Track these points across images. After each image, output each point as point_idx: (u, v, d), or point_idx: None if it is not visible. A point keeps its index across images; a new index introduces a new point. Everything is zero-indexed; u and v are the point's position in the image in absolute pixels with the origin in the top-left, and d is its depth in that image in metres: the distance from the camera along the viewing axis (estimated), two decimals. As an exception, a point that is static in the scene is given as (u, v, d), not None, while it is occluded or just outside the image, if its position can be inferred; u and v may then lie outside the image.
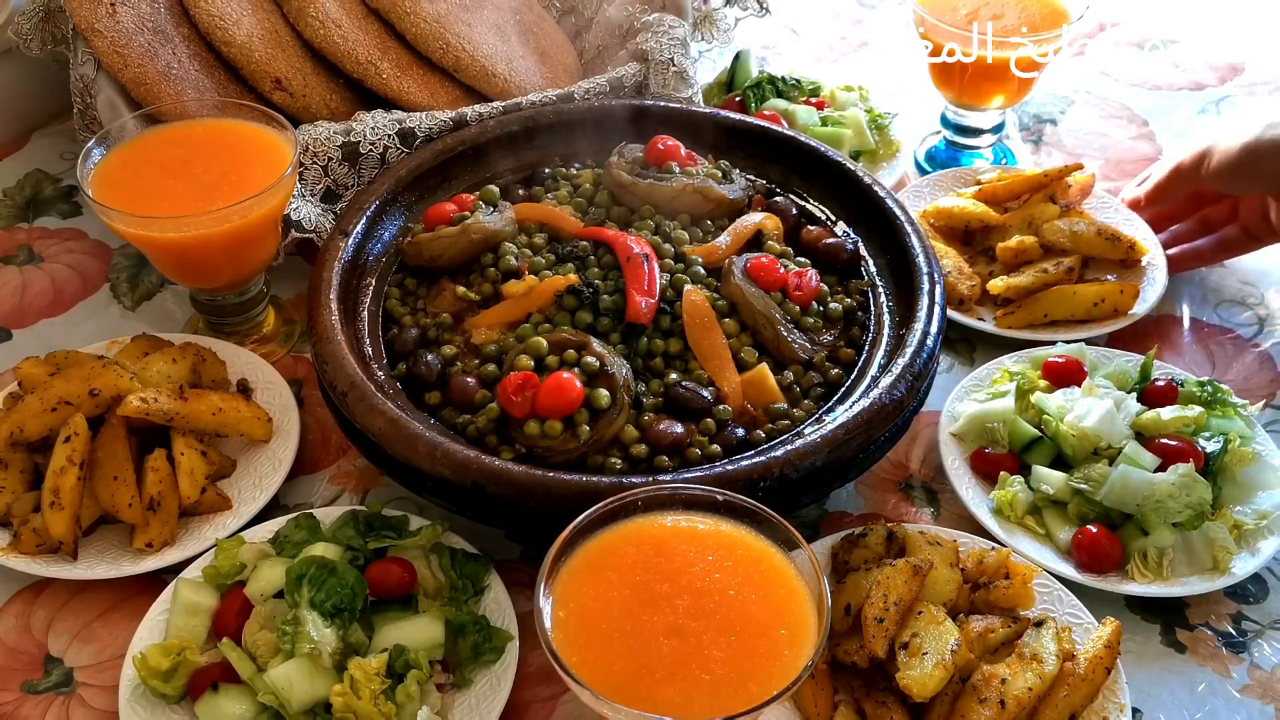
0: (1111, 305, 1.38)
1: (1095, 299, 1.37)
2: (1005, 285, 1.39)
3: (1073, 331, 1.38)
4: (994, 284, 1.40)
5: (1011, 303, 1.41)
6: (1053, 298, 1.38)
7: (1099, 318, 1.38)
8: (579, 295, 1.21)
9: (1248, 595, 1.16)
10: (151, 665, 1.00)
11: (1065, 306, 1.38)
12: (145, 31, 1.42)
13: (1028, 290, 1.39)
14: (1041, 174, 1.48)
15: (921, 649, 0.97)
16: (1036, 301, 1.38)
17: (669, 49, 1.53)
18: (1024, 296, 1.40)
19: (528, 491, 1.02)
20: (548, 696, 1.07)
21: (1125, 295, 1.39)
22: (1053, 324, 1.38)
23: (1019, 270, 1.43)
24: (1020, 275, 1.41)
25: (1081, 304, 1.37)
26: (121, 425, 1.15)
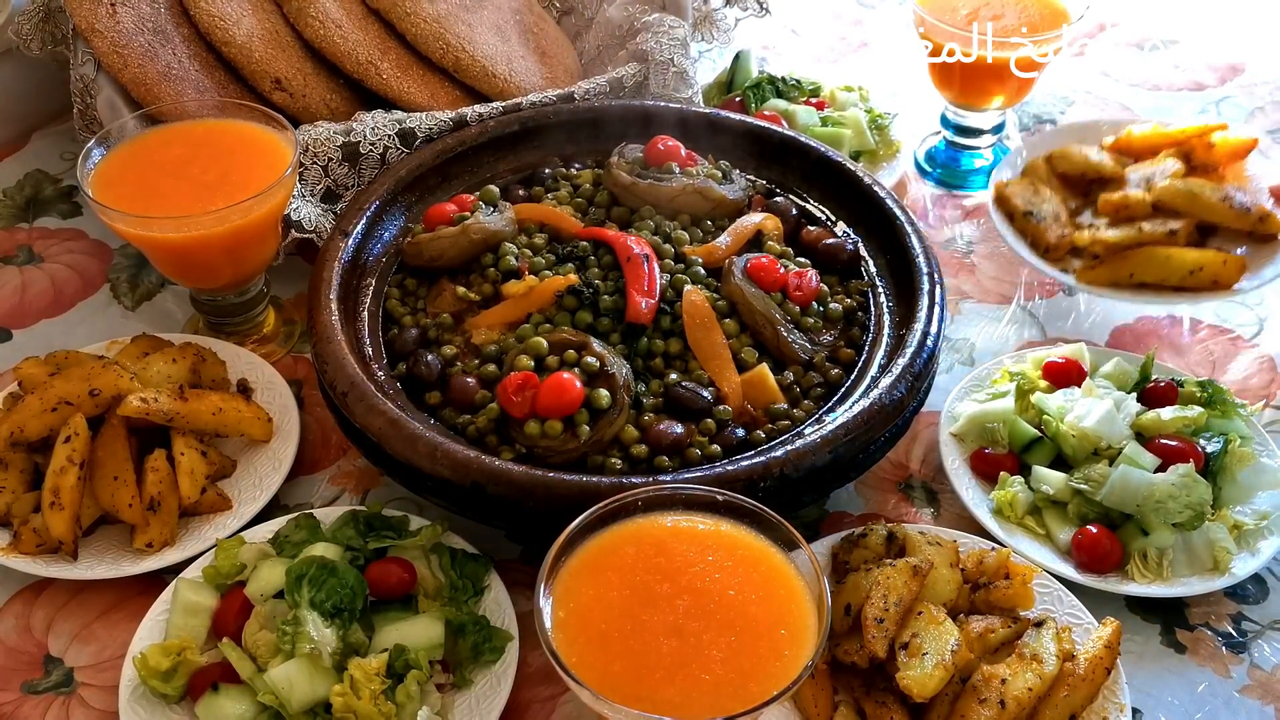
0: (1211, 275, 1.27)
1: (1192, 266, 1.27)
2: (1091, 238, 1.31)
3: (1164, 299, 1.30)
4: (1080, 235, 1.33)
5: (1099, 259, 1.33)
6: (1142, 258, 1.28)
7: (1195, 287, 1.28)
8: (579, 295, 1.21)
9: (1248, 595, 1.16)
10: (151, 665, 1.00)
11: (1156, 269, 1.28)
12: (145, 32, 1.42)
13: (1117, 246, 1.29)
14: (1179, 131, 1.40)
15: (921, 649, 0.97)
16: (1124, 260, 1.29)
17: (669, 49, 1.53)
18: (1113, 253, 1.30)
19: (528, 491, 1.02)
20: (548, 696, 1.07)
21: (1229, 267, 1.27)
22: (1141, 287, 1.30)
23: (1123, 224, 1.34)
24: (1113, 230, 1.32)
25: (1175, 269, 1.27)
26: (121, 425, 1.15)
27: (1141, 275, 1.29)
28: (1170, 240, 1.29)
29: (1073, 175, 1.41)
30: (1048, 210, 1.37)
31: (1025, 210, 1.39)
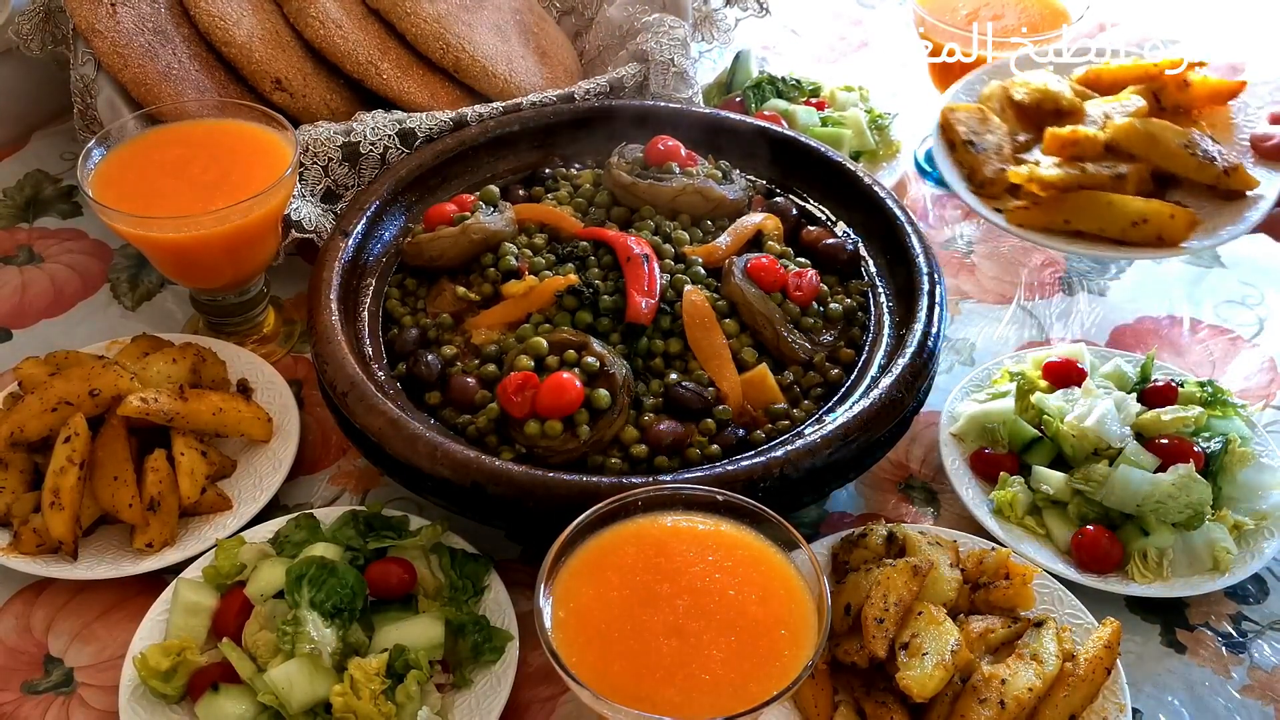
0: (1155, 229, 1.11)
1: (1135, 216, 1.11)
2: (1029, 175, 1.16)
3: (1099, 249, 1.15)
4: (1016, 171, 1.18)
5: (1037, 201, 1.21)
6: (1080, 202, 1.13)
7: (1137, 242, 1.13)
8: (579, 295, 1.21)
9: (1248, 595, 1.16)
10: (151, 665, 1.00)
11: (1094, 216, 1.13)
12: (145, 32, 1.42)
13: (1055, 186, 1.14)
14: (1152, 64, 1.24)
15: (921, 649, 0.97)
16: (1060, 202, 1.14)
17: (669, 49, 1.53)
18: (1052, 195, 1.15)
19: (528, 491, 1.02)
20: (548, 696, 1.07)
21: (1176, 222, 1.11)
22: (1078, 235, 1.15)
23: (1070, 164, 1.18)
24: (1053, 169, 1.16)
25: (1116, 218, 1.12)
26: (122, 425, 1.15)
27: (1079, 222, 1.14)
28: (1116, 185, 1.14)
29: (1029, 105, 1.26)
30: (991, 141, 1.24)
31: (967, 139, 1.25)
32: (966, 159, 1.24)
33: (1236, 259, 1.54)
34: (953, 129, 1.29)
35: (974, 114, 1.30)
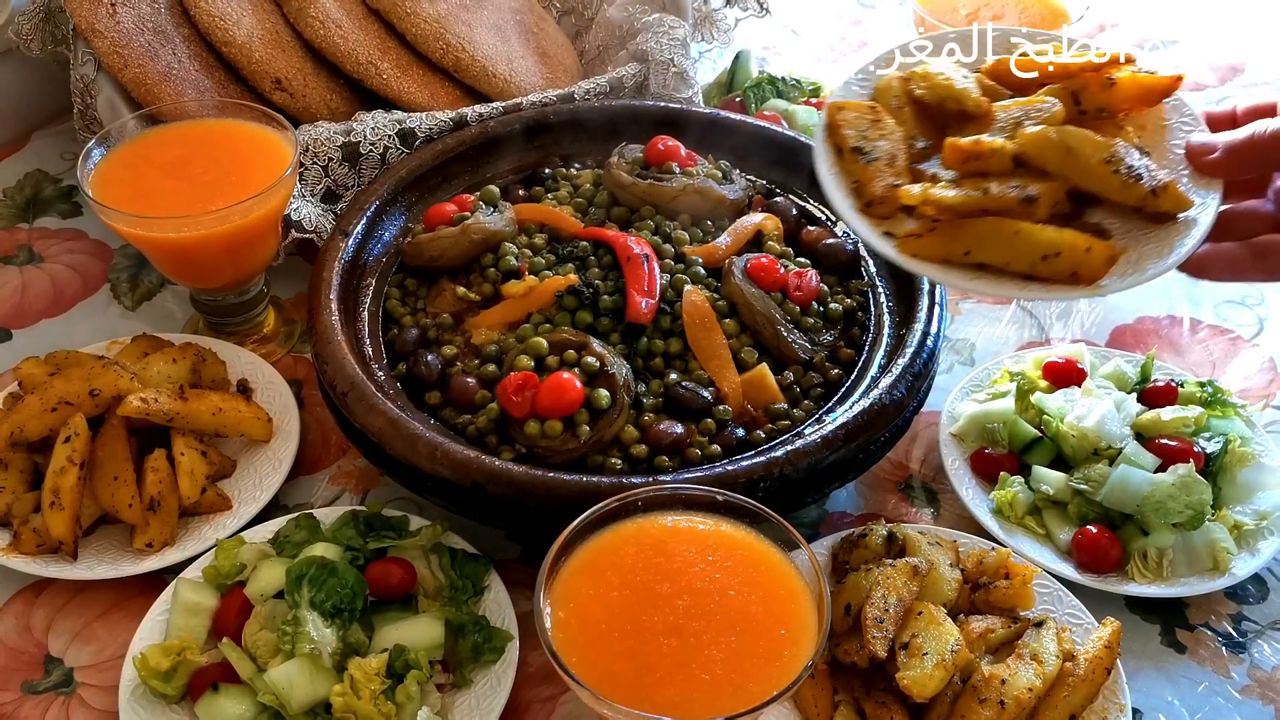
0: (1069, 264, 0.92)
1: (1046, 249, 0.92)
2: (922, 195, 0.95)
3: (1005, 286, 0.95)
4: (908, 190, 0.96)
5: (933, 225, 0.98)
6: (982, 230, 0.93)
7: (1048, 278, 0.93)
8: (579, 295, 1.21)
9: (1248, 596, 1.16)
10: (152, 665, 1.00)
11: (999, 248, 0.93)
12: (145, 32, 1.42)
13: (953, 210, 0.94)
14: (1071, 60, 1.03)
15: (921, 649, 0.97)
16: (959, 230, 0.94)
17: (669, 49, 1.53)
18: (950, 218, 0.95)
19: (528, 491, 1.02)
20: (548, 696, 1.07)
21: (1093, 256, 0.92)
22: (980, 269, 0.95)
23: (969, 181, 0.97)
24: (950, 189, 0.95)
25: (1023, 251, 0.92)
26: (122, 425, 1.15)
27: (981, 253, 0.94)
28: (1025, 210, 0.93)
29: (930, 103, 1.04)
30: (883, 149, 1.01)
31: (855, 145, 1.02)
32: (853, 170, 1.01)
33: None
34: (838, 132, 1.04)
35: (865, 114, 1.05)
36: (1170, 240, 0.93)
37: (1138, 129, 1.00)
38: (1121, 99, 1.00)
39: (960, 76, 1.03)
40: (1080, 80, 1.00)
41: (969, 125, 1.01)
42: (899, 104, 1.05)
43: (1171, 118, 1.01)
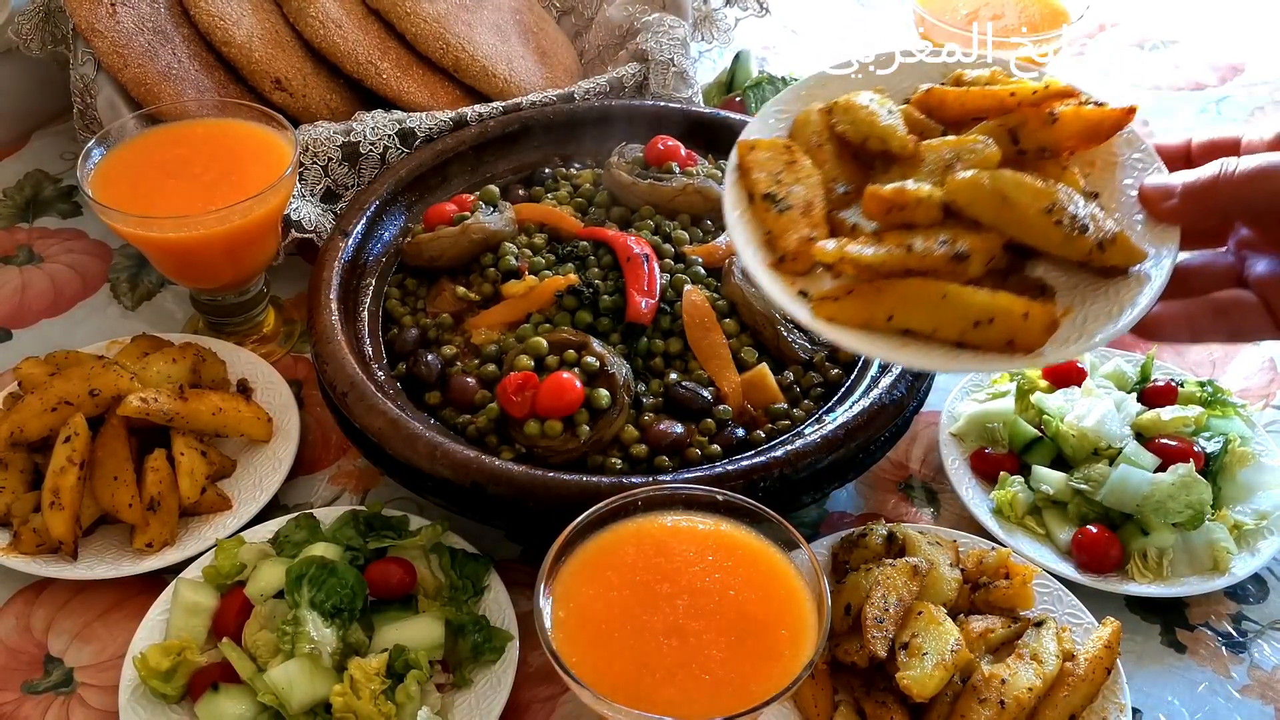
0: (1004, 333, 0.80)
1: (978, 315, 0.80)
2: (839, 251, 0.82)
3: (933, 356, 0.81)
4: (822, 247, 0.83)
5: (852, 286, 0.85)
6: (906, 293, 0.81)
7: (980, 345, 0.81)
8: (579, 295, 1.21)
9: (1248, 595, 1.16)
10: (151, 665, 1.00)
11: (925, 313, 0.81)
12: (145, 31, 1.42)
13: (874, 270, 0.82)
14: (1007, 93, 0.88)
15: (921, 649, 0.97)
16: (880, 292, 0.82)
17: (669, 49, 1.53)
18: (872, 279, 0.82)
19: (528, 491, 1.02)
20: (548, 696, 1.07)
21: (1031, 323, 0.80)
22: (907, 335, 0.82)
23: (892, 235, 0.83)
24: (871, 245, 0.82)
25: (953, 316, 0.80)
26: (121, 425, 1.15)
27: (905, 319, 0.81)
28: (955, 269, 0.81)
29: (853, 141, 0.90)
30: (798, 196, 0.88)
31: (766, 191, 0.88)
32: (765, 219, 0.88)
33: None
34: (749, 175, 0.91)
35: (779, 154, 0.92)
36: (1121, 297, 0.83)
37: (1086, 166, 0.89)
38: (1065, 136, 0.87)
39: (885, 111, 0.90)
40: (1019, 116, 0.87)
41: (895, 167, 0.88)
42: (818, 141, 0.92)
43: (1123, 153, 0.89)
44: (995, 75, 0.92)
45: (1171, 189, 0.83)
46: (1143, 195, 0.85)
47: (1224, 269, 0.87)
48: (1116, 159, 0.89)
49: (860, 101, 0.90)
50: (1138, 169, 0.88)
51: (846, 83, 0.96)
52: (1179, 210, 0.82)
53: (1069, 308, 0.83)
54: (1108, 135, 0.88)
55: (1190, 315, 0.84)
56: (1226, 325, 0.84)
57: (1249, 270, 0.85)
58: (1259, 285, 0.84)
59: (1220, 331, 0.85)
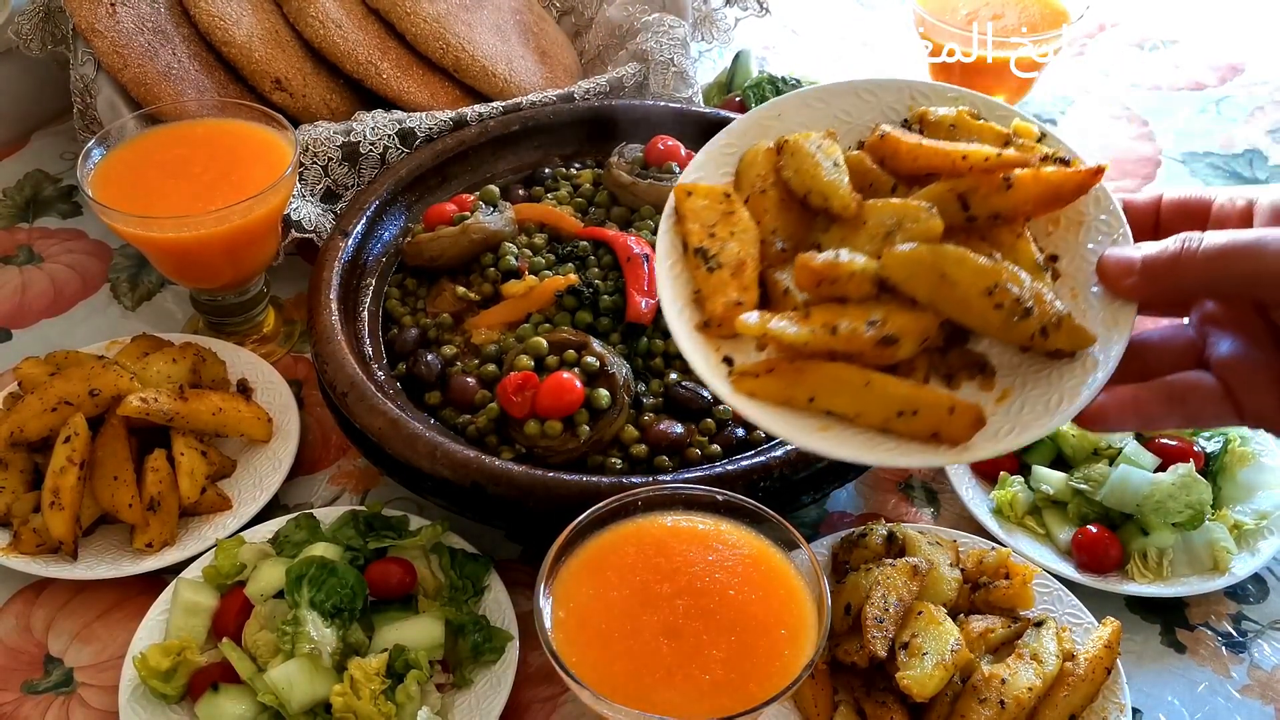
0: (929, 425, 0.75)
1: (903, 405, 0.75)
2: (761, 326, 0.77)
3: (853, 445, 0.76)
4: (745, 320, 0.78)
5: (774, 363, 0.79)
6: (828, 376, 0.76)
7: (905, 434, 0.76)
8: (579, 295, 1.21)
9: (1248, 595, 1.16)
10: (151, 665, 1.00)
11: (848, 398, 0.76)
12: (145, 31, 1.42)
13: (796, 350, 0.77)
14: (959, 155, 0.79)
15: (921, 649, 0.97)
16: (802, 373, 0.76)
17: (669, 49, 1.53)
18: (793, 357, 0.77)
19: (528, 491, 1.02)
20: (548, 697, 1.07)
21: (957, 418, 0.75)
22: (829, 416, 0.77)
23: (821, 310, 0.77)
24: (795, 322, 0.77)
25: (876, 404, 0.76)
26: (121, 425, 1.15)
27: (827, 402, 0.77)
28: (883, 353, 0.75)
29: (798, 193, 0.83)
30: (730, 254, 0.81)
31: (698, 245, 0.82)
32: (696, 276, 0.82)
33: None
34: (684, 224, 0.84)
35: (716, 204, 0.85)
36: (1063, 384, 0.77)
37: (1049, 224, 0.83)
38: (1021, 202, 0.79)
39: (830, 164, 0.82)
40: (970, 181, 0.79)
41: (835, 227, 0.82)
42: (761, 186, 0.85)
43: (1090, 211, 0.82)
44: (961, 116, 0.85)
45: (1132, 264, 0.76)
46: (1101, 269, 0.78)
47: (1183, 346, 0.80)
48: (1083, 218, 0.82)
49: (807, 147, 0.84)
50: (1103, 232, 0.81)
51: (805, 111, 0.89)
52: (1137, 287, 0.76)
53: (1007, 390, 0.78)
54: (1070, 199, 0.81)
55: (1140, 401, 0.77)
56: (1182, 412, 0.77)
57: (1211, 350, 0.78)
58: (1221, 367, 0.77)
59: (1174, 418, 0.77)
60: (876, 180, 0.83)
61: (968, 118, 0.84)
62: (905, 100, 0.88)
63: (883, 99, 0.89)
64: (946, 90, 0.88)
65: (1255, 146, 1.74)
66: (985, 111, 0.86)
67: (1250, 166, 1.70)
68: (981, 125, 0.84)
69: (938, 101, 0.87)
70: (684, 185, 0.86)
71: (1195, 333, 0.80)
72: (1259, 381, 0.75)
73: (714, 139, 0.89)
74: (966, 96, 0.87)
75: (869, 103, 0.88)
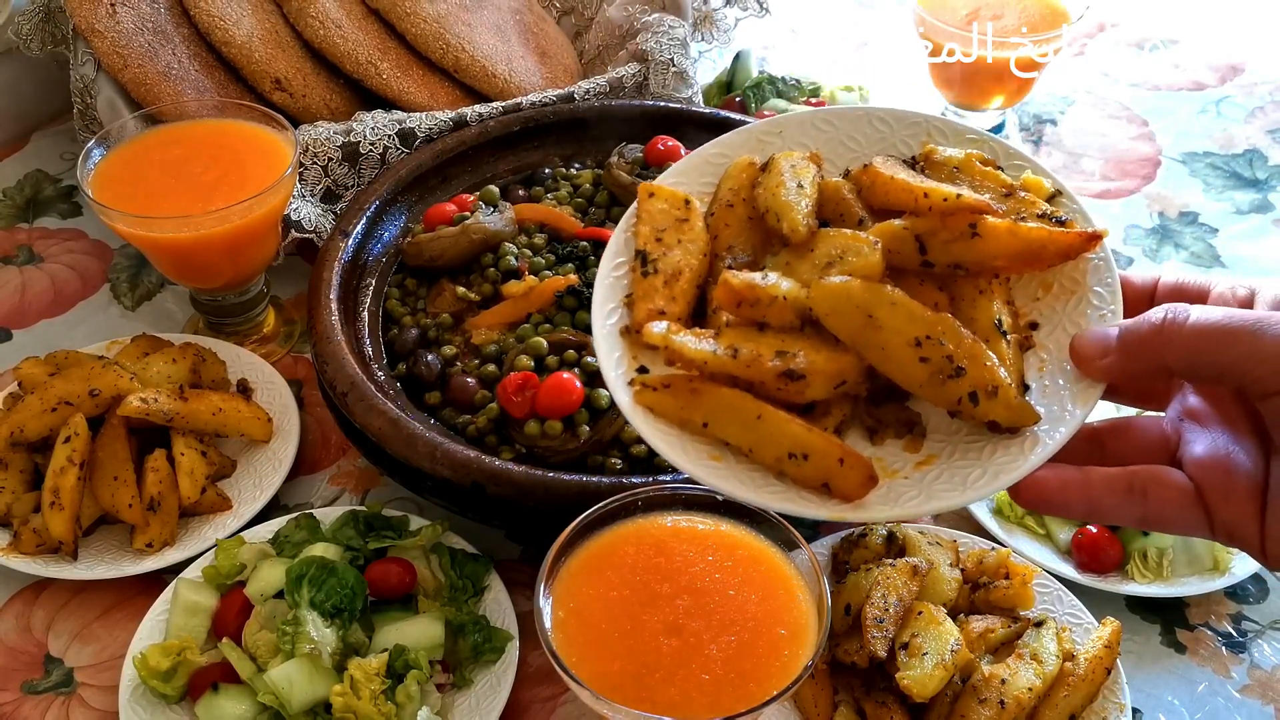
0: (820, 474, 0.71)
1: (793, 447, 0.71)
2: (664, 336, 0.74)
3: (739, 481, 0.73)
4: (652, 328, 0.75)
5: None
6: (722, 403, 0.72)
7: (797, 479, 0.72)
8: (579, 295, 1.20)
9: (1248, 595, 1.16)
10: (151, 665, 1.00)
11: (740, 430, 0.73)
12: (145, 32, 1.42)
13: (696, 367, 0.74)
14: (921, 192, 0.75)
15: (921, 649, 0.97)
16: (696, 396, 0.73)
17: (669, 49, 1.53)
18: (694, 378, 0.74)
19: (528, 491, 1.02)
20: (548, 697, 1.07)
21: (848, 472, 0.71)
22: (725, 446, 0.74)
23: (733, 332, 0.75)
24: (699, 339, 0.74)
25: (768, 442, 0.71)
26: (121, 425, 1.15)
27: (720, 430, 0.73)
28: (788, 389, 0.70)
29: (759, 210, 0.81)
30: (670, 262, 0.80)
31: (641, 248, 0.82)
32: (633, 279, 0.81)
33: (1237, 259, 1.54)
34: (639, 225, 0.83)
35: (674, 209, 0.83)
36: (992, 460, 0.70)
37: (1042, 287, 0.77)
38: (989, 255, 0.72)
39: (795, 185, 0.78)
40: (929, 223, 0.73)
41: (784, 251, 0.78)
42: (731, 200, 0.82)
43: (1089, 281, 0.75)
44: (968, 159, 0.79)
45: (1108, 343, 0.69)
46: (1074, 348, 0.72)
47: (1154, 439, 0.73)
48: (1077, 287, 0.75)
49: (782, 165, 0.81)
50: (1093, 305, 0.74)
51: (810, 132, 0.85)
52: (1110, 367, 0.69)
53: (932, 456, 0.73)
54: (1054, 262, 0.74)
55: (1092, 486, 0.69)
56: (1141, 509, 0.68)
57: (1186, 448, 0.71)
58: (1195, 467, 0.69)
59: (1129, 514, 0.69)
60: (847, 211, 0.79)
61: (975, 162, 0.80)
62: (920, 135, 0.84)
63: (897, 131, 0.85)
64: (966, 131, 0.83)
65: (1255, 146, 1.74)
66: (1003, 159, 0.81)
67: (1250, 166, 1.70)
68: (987, 172, 0.79)
69: (953, 141, 0.82)
70: (648, 186, 0.84)
71: (1170, 427, 0.73)
72: (1236, 488, 0.67)
73: (707, 145, 0.87)
74: (986, 141, 0.82)
75: (881, 133, 0.85)
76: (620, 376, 0.77)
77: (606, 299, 0.80)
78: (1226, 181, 1.67)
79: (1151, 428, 0.74)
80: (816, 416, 0.73)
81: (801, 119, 0.86)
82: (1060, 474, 0.69)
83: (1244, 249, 1.55)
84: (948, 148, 0.81)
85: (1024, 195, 0.77)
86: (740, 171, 0.83)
